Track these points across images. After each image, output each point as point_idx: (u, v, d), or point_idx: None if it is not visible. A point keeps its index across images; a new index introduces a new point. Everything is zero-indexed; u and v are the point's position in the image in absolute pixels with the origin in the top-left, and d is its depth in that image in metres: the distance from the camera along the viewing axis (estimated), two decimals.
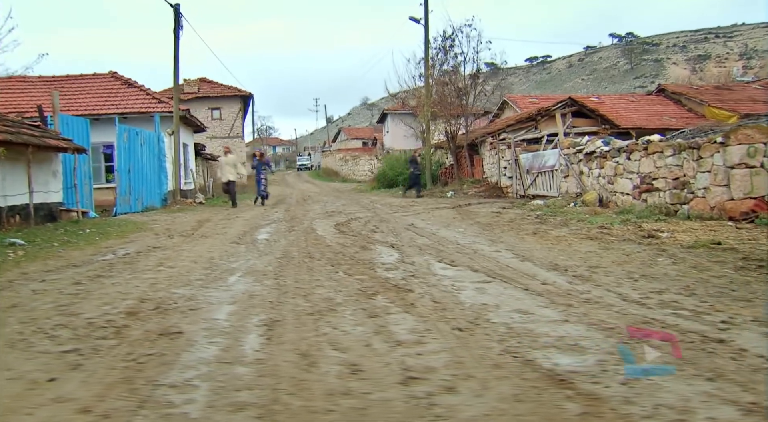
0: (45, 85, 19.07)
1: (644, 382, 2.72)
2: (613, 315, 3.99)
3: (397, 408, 2.50)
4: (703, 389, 2.61)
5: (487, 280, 5.39)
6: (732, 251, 6.59)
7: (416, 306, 4.38)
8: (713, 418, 2.32)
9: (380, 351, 3.32)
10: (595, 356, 3.12)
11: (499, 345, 3.35)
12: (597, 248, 7.32)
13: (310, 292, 5.02)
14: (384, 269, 6.14)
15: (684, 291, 4.70)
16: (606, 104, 31.92)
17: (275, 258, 7.12)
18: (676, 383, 2.69)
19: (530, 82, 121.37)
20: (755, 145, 9.42)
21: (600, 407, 2.44)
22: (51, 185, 11.96)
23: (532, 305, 4.35)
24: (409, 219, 11.97)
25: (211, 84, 36.91)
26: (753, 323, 3.71)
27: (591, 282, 5.20)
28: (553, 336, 3.50)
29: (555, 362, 3.04)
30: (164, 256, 7.46)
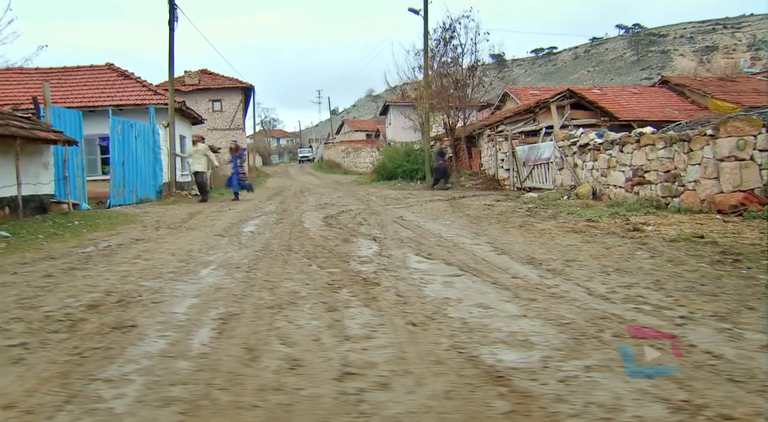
0: (42, 76, 19.06)
1: (583, 379, 2.67)
2: (573, 310, 3.94)
3: (324, 404, 2.47)
4: (639, 386, 2.56)
5: (459, 274, 5.35)
6: (713, 245, 6.52)
7: (378, 300, 4.34)
8: (640, 417, 2.27)
9: (327, 345, 3.28)
10: (542, 352, 3.07)
11: (448, 341, 3.31)
12: (579, 241, 7.25)
13: (277, 285, 4.99)
14: (359, 262, 6.10)
15: (653, 286, 4.64)
16: (608, 96, 31.70)
17: (254, 251, 7.09)
18: (615, 380, 2.65)
19: (535, 74, 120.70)
20: (745, 138, 9.31)
21: (529, 405, 2.39)
22: (42, 177, 11.97)
23: (495, 299, 4.31)
24: (400, 212, 11.92)
25: (212, 76, 36.85)
26: (711, 318, 3.65)
27: (562, 276, 5.14)
28: (505, 332, 3.45)
29: (499, 358, 3.00)
30: (144, 249, 7.45)
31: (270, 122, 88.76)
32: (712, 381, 2.59)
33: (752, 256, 5.72)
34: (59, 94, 18.02)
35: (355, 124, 72.60)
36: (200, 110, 34.11)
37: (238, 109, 36.55)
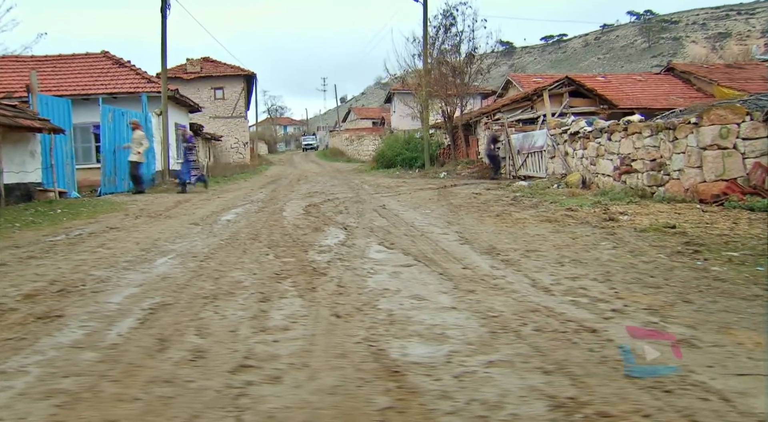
0: (38, 64, 19.08)
1: (479, 375, 2.61)
2: (507, 302, 3.87)
3: (204, 397, 2.43)
4: (531, 383, 2.50)
5: (411, 264, 5.29)
6: (681, 235, 6.41)
7: (316, 291, 4.29)
8: (516, 415, 2.21)
9: (240, 337, 3.24)
10: (453, 346, 3.01)
11: (364, 333, 3.26)
12: (549, 231, 7.16)
13: (225, 275, 4.95)
14: (317, 252, 6.06)
15: (601, 278, 4.56)
16: (612, 83, 31.35)
17: (220, 240, 7.06)
18: (511, 377, 2.58)
19: (545, 62, 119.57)
20: (728, 126, 9.14)
21: (410, 402, 2.34)
22: (28, 165, 12.01)
23: (433, 291, 4.25)
24: (385, 201, 11.86)
25: (214, 63, 36.79)
26: (643, 311, 3.58)
27: (515, 267, 5.07)
28: (426, 325, 3.39)
29: (406, 352, 2.94)
30: (113, 237, 7.44)
31: (276, 110, 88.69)
32: (608, 378, 2.52)
33: (715, 247, 5.62)
34: (54, 82, 18.05)
35: (362, 112, 72.37)
36: (202, 98, 34.19)
37: (240, 97, 36.50)
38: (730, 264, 4.87)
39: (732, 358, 2.75)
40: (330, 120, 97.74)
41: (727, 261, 4.99)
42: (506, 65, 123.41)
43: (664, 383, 2.45)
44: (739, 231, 6.49)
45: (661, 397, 2.31)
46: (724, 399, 2.29)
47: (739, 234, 6.29)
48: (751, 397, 2.31)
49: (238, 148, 36.65)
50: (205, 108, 35.36)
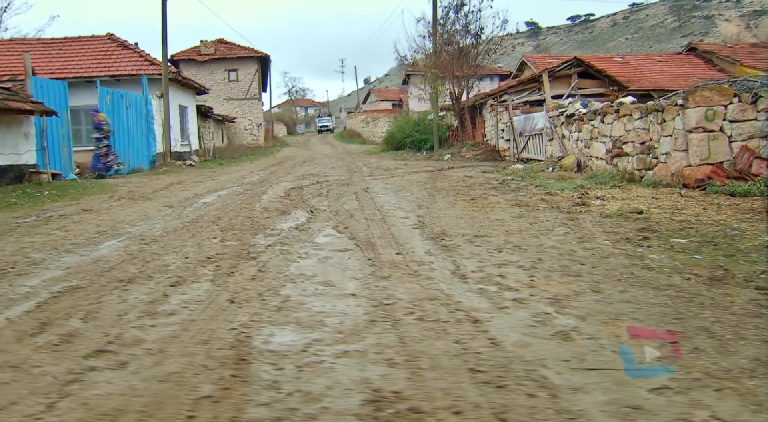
0: (44, 47, 19.33)
1: (324, 366, 2.56)
2: (413, 289, 3.80)
3: (37, 383, 2.42)
4: (367, 375, 2.44)
5: (349, 249, 5.23)
6: (643, 220, 6.24)
7: (233, 276, 4.27)
8: (327, 408, 2.16)
9: (123, 321, 3.24)
10: (321, 335, 2.96)
11: (246, 319, 3.23)
12: (513, 216, 7.03)
13: (157, 259, 4.96)
14: (266, 235, 6.03)
15: (528, 265, 4.45)
16: (630, 64, 30.61)
17: (181, 222, 7.09)
18: (352, 368, 2.53)
19: (571, 43, 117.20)
20: (714, 108, 8.82)
21: (233, 391, 2.30)
22: (21, 147, 12.18)
23: (347, 277, 4.19)
24: (373, 184, 11.77)
25: (228, 45, 36.83)
26: (544, 301, 3.48)
27: (449, 252, 4.97)
28: (313, 312, 3.35)
29: (271, 340, 2.91)
30: (79, 220, 7.52)
31: (297, 91, 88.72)
32: (451, 372, 2.45)
33: (667, 234, 5.45)
34: (58, 65, 18.25)
35: (382, 93, 71.91)
36: (216, 80, 34.34)
37: (253, 78, 36.53)
38: (670, 252, 4.71)
39: (596, 352, 2.65)
40: (352, 102, 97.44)
41: (669, 249, 4.83)
42: (531, 46, 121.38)
43: (504, 378, 2.36)
44: (704, 218, 6.29)
45: (489, 393, 2.23)
46: (552, 396, 2.20)
47: (702, 221, 6.09)
48: (582, 393, 2.22)
49: (251, 130, 36.79)
50: (220, 90, 35.57)
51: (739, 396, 2.16)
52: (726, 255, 4.53)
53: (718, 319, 3.04)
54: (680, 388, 2.24)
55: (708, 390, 2.22)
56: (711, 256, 4.52)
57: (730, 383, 2.27)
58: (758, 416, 2.02)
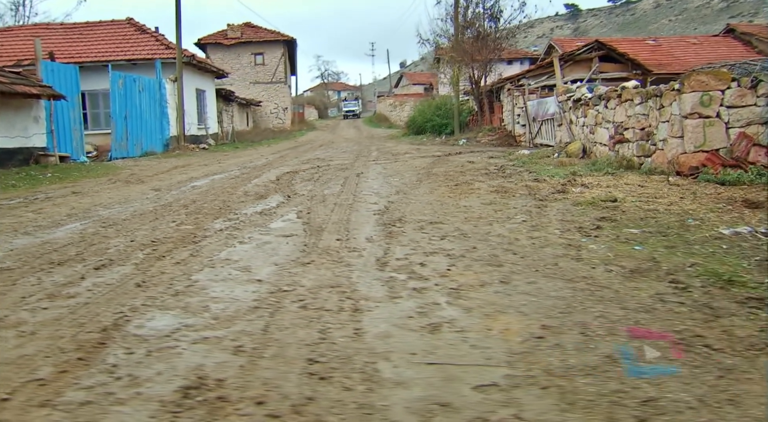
0: (66, 32, 19.76)
1: (173, 351, 2.57)
2: (323, 276, 3.79)
3: None
4: (203, 362, 2.44)
5: (294, 234, 5.24)
6: (610, 209, 6.08)
7: (162, 260, 4.32)
8: (141, 393, 2.16)
9: (20, 304, 3.31)
10: (196, 320, 2.99)
11: (138, 303, 3.26)
12: (483, 202, 6.93)
13: (104, 242, 5.06)
14: (226, 220, 6.08)
15: (458, 254, 4.37)
16: (662, 47, 29.69)
17: (155, 206, 7.20)
18: (198, 354, 2.54)
19: (612, 25, 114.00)
20: (710, 93, 8.48)
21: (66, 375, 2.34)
22: (31, 130, 12.51)
23: (270, 262, 4.21)
24: (371, 168, 11.75)
25: (254, 29, 37.00)
26: (442, 292, 3.41)
27: (390, 239, 4.94)
28: (209, 297, 3.38)
29: (145, 324, 2.94)
30: (60, 202, 7.72)
31: (330, 75, 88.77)
32: (287, 363, 2.43)
33: (626, 223, 5.30)
34: (77, 49, 18.64)
35: (414, 77, 71.39)
36: (242, 63, 34.61)
37: (279, 62, 36.67)
38: (613, 243, 4.57)
39: (453, 345, 2.59)
40: (387, 86, 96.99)
41: (614, 239, 4.69)
42: (569, 29, 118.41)
43: (336, 370, 2.34)
44: (676, 207, 6.07)
45: (308, 385, 2.21)
46: (368, 390, 2.16)
47: (671, 210, 5.89)
48: (402, 389, 2.18)
49: (277, 114, 37.02)
50: (246, 73, 35.85)
51: (559, 395, 2.09)
52: (667, 247, 4.37)
53: (604, 314, 2.94)
54: (507, 386, 2.18)
55: (534, 388, 2.15)
56: (652, 247, 4.37)
57: (561, 381, 2.20)
58: (563, 415, 1.95)
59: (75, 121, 14.10)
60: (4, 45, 18.73)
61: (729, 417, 1.91)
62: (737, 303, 3.09)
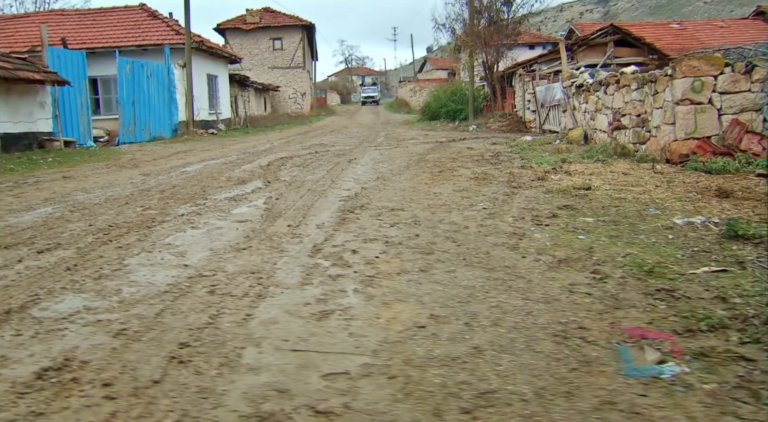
0: (80, 18, 20.05)
1: (62, 333, 2.63)
2: (250, 262, 3.82)
3: None
4: (80, 344, 2.49)
5: (249, 220, 5.29)
6: (579, 197, 6.01)
7: (108, 244, 4.41)
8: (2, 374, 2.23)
9: None
10: (101, 304, 3.04)
11: (57, 285, 3.34)
12: (457, 189, 6.89)
13: (63, 226, 5.18)
14: (194, 205, 6.17)
15: (397, 241, 4.37)
16: (687, 31, 28.97)
17: (133, 191, 7.33)
18: (78, 335, 2.60)
19: (643, 8, 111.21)
20: (701, 79, 8.25)
21: None
22: (36, 115, 12.77)
23: (208, 247, 4.26)
24: (366, 155, 11.74)
25: (273, 14, 37.04)
26: (356, 280, 3.42)
27: (341, 225, 4.97)
28: (128, 282, 3.44)
29: (52, 307, 3.02)
30: (44, 187, 7.91)
31: (355, 60, 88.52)
32: (159, 346, 2.47)
33: (585, 211, 5.24)
34: (90, 35, 18.91)
35: (437, 62, 70.67)
36: (261, 49, 34.71)
37: (298, 47, 36.68)
38: (561, 232, 4.52)
39: (331, 334, 2.61)
40: (411, 71, 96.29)
41: (563, 228, 4.63)
42: (600, 13, 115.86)
43: (201, 354, 2.37)
44: (647, 196, 5.96)
45: (163, 367, 2.25)
46: (218, 375, 2.19)
47: (640, 199, 5.78)
48: (253, 375, 2.20)
49: (296, 99, 37.12)
50: (264, 58, 35.97)
51: (402, 385, 2.09)
52: (612, 237, 4.30)
53: (500, 304, 2.92)
54: (357, 375, 2.19)
55: (382, 378, 2.17)
56: (596, 237, 4.31)
57: (413, 371, 2.20)
58: (393, 405, 1.95)
59: (82, 106, 14.35)
60: (19, 31, 19.09)
61: (554, 410, 1.89)
62: (646, 294, 3.03)
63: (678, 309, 2.81)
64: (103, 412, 1.92)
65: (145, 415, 1.89)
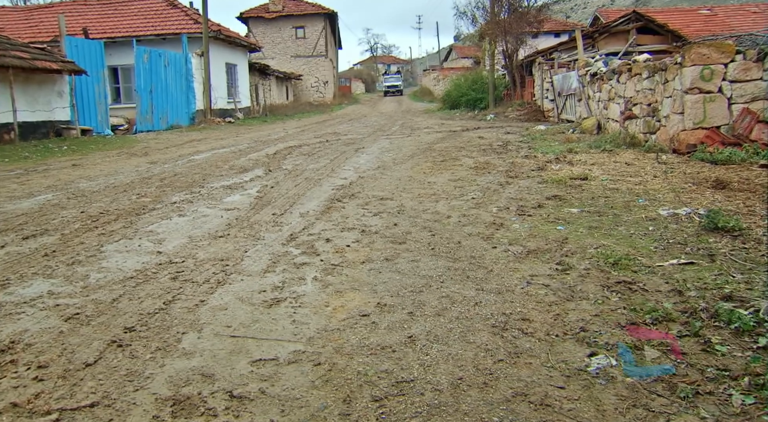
0: (102, 8, 20.36)
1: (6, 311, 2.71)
2: (222, 249, 3.88)
3: None
4: (28, 327, 2.57)
5: (237, 208, 5.36)
6: (568, 188, 5.99)
7: (93, 230, 4.51)
8: None
9: None
10: (53, 288, 3.12)
11: (22, 271, 3.43)
12: (452, 178, 6.88)
13: (56, 213, 5.30)
14: (190, 193, 6.27)
15: (375, 230, 4.38)
16: (717, 17, 28.29)
17: (135, 178, 7.46)
18: (26, 321, 2.66)
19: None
20: (711, 67, 8.05)
21: None
22: (54, 104, 13.05)
23: (187, 235, 4.33)
24: (376, 144, 11.74)
25: (296, 2, 37.07)
26: (321, 268, 3.45)
27: (326, 214, 4.99)
28: (90, 267, 3.51)
29: (11, 292, 3.10)
30: (52, 175, 8.09)
31: (380, 48, 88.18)
32: (105, 332, 2.53)
33: (572, 202, 5.20)
34: (111, 24, 19.19)
35: (463, 51, 69.97)
36: (284, 37, 34.83)
37: (320, 35, 36.69)
38: (541, 222, 4.49)
39: (275, 321, 2.65)
40: (437, 60, 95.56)
41: (545, 219, 4.60)
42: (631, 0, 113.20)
43: (141, 338, 2.42)
44: (641, 187, 5.89)
45: (107, 353, 2.31)
46: (152, 359, 2.25)
47: (633, 190, 5.70)
48: (185, 359, 2.26)
49: (318, 87, 37.20)
50: (287, 47, 36.08)
51: (324, 372, 2.12)
52: (591, 228, 4.26)
53: (451, 294, 2.92)
54: (285, 361, 2.23)
55: (308, 365, 2.19)
56: (574, 228, 4.27)
57: (339, 359, 2.23)
58: (308, 392, 1.98)
59: (100, 95, 14.60)
60: (43, 21, 19.46)
61: (465, 400, 1.90)
62: (603, 286, 3.01)
63: (629, 301, 2.78)
64: (27, 393, 1.98)
65: (66, 397, 1.96)
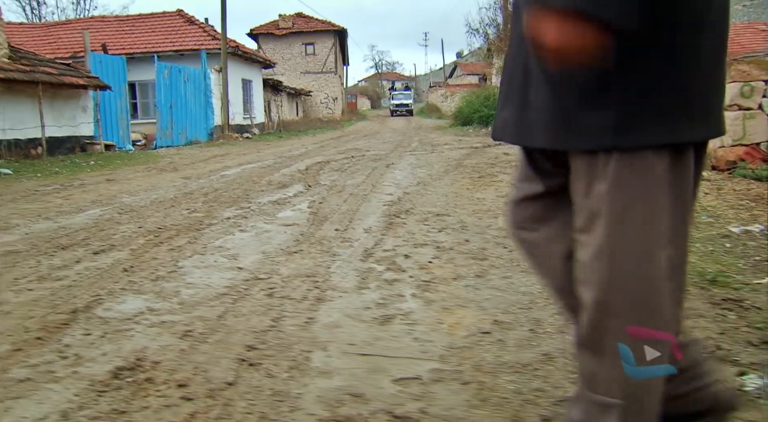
0: (119, 24, 20.52)
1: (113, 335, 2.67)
2: (303, 265, 3.83)
3: None
4: (146, 345, 2.52)
5: (296, 224, 5.32)
6: None
7: (156, 246, 4.47)
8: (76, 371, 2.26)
9: (11, 284, 3.49)
10: (145, 303, 3.07)
11: (109, 287, 3.39)
12: (499, 194, 6.83)
13: (113, 228, 5.27)
14: (239, 208, 6.24)
15: (448, 246, 4.34)
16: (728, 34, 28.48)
17: (177, 194, 7.45)
18: (147, 338, 2.62)
19: None
20: (751, 84, 8.07)
21: None
22: (79, 119, 13.08)
23: (259, 250, 4.28)
24: (403, 160, 11.75)
25: (306, 19, 37.37)
26: (405, 283, 3.41)
27: (389, 230, 4.95)
28: (172, 284, 3.47)
29: (108, 307, 3.05)
30: (90, 190, 8.06)
31: (385, 65, 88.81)
32: (228, 350, 2.49)
33: None
34: (129, 41, 19.33)
35: (468, 67, 70.45)
36: (293, 54, 35.09)
37: (330, 52, 36.93)
38: None
39: (396, 338, 2.60)
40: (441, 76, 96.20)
41: None
42: None
43: (268, 356, 2.38)
44: (697, 203, 5.82)
45: (241, 371, 2.26)
46: (290, 378, 2.20)
47: None
48: (325, 378, 2.20)
49: (327, 103, 37.38)
50: (297, 63, 36.33)
51: (476, 391, 2.07)
52: None
53: None
54: (429, 380, 2.18)
55: (455, 383, 2.15)
56: None
57: (485, 378, 2.18)
58: (470, 412, 1.93)
59: (122, 110, 14.65)
60: (62, 37, 19.60)
61: None
62: (712, 304, 2.96)
63: (748, 319, 2.73)
64: (182, 412, 1.93)
65: (224, 416, 1.91)
